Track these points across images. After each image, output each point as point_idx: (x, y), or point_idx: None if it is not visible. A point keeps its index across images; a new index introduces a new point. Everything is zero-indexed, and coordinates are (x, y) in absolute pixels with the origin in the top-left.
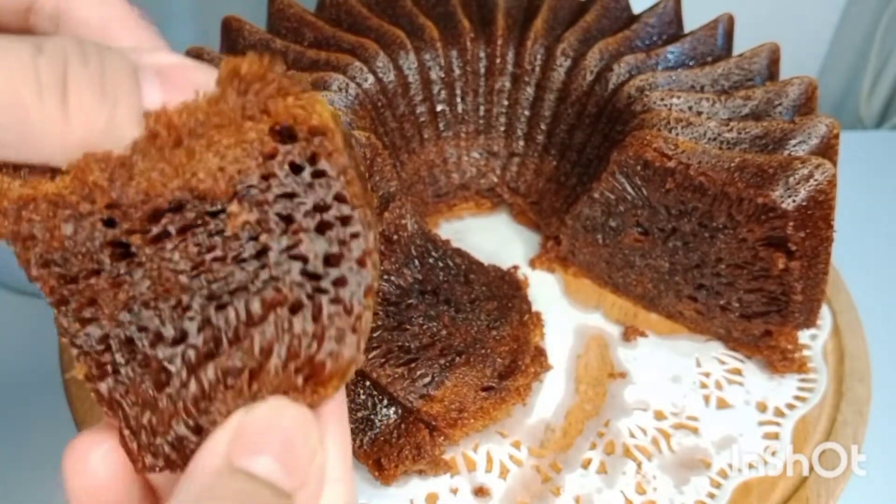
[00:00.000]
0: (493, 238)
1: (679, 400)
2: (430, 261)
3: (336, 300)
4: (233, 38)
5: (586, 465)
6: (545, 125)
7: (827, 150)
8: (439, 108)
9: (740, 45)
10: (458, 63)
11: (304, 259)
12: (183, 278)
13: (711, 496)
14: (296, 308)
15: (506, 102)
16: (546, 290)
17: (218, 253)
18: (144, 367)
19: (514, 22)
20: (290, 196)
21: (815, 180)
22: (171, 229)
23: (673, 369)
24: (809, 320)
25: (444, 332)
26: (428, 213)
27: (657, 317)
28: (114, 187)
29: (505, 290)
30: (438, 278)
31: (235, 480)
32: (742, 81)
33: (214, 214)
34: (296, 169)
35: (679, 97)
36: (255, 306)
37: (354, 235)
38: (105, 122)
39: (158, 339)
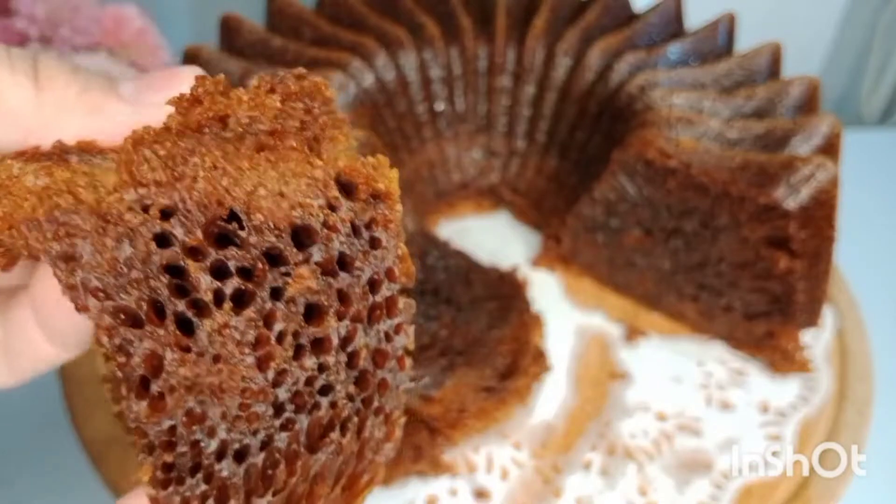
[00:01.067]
0: (493, 238)
1: (681, 400)
2: (431, 261)
3: (378, 410)
4: (231, 37)
5: (587, 466)
6: (546, 124)
7: (829, 149)
8: (439, 106)
9: (742, 43)
10: (458, 62)
11: (356, 358)
12: (248, 360)
13: (713, 498)
14: (345, 426)
15: (506, 101)
16: (547, 291)
17: (279, 326)
18: (208, 482)
19: (514, 20)
20: (349, 264)
21: (818, 180)
22: (231, 266)
23: (674, 370)
24: (811, 320)
25: (444, 333)
26: (428, 212)
27: (659, 317)
28: (172, 186)
29: (505, 291)
30: (439, 278)
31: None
32: (744, 80)
33: (273, 261)
34: (356, 230)
35: (680, 96)
36: (315, 430)
37: (398, 330)
38: (77, 91)
39: (224, 450)
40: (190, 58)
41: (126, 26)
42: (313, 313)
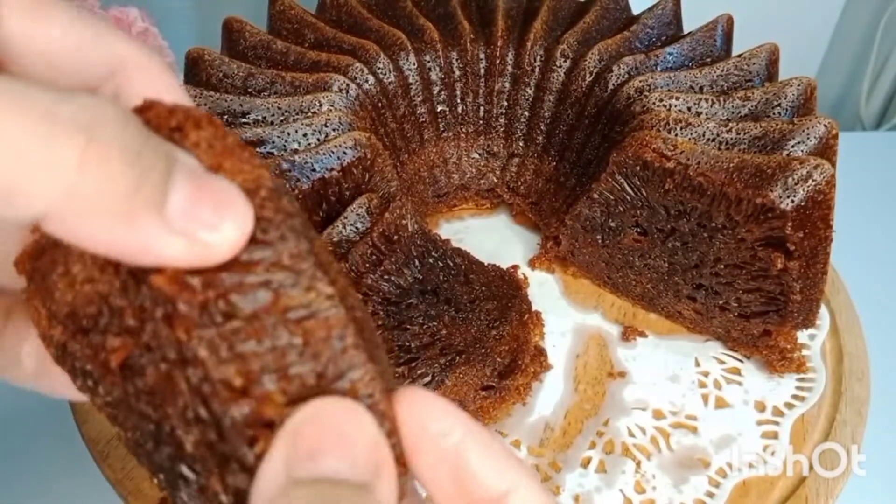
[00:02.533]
0: (492, 238)
1: (678, 399)
2: (430, 261)
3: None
4: (234, 39)
5: (586, 464)
6: (545, 126)
7: (826, 150)
8: (439, 108)
9: (739, 45)
10: (458, 64)
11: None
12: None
13: (710, 495)
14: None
15: (505, 103)
16: (545, 290)
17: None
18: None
19: (513, 23)
20: None
21: (814, 181)
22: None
23: (672, 369)
24: (808, 320)
25: (444, 332)
26: (428, 213)
27: (656, 316)
28: None
29: (505, 290)
30: (438, 278)
31: (302, 491)
32: (741, 82)
33: None
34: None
35: (678, 98)
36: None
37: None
38: (126, 190)
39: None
40: (192, 60)
41: (128, 29)
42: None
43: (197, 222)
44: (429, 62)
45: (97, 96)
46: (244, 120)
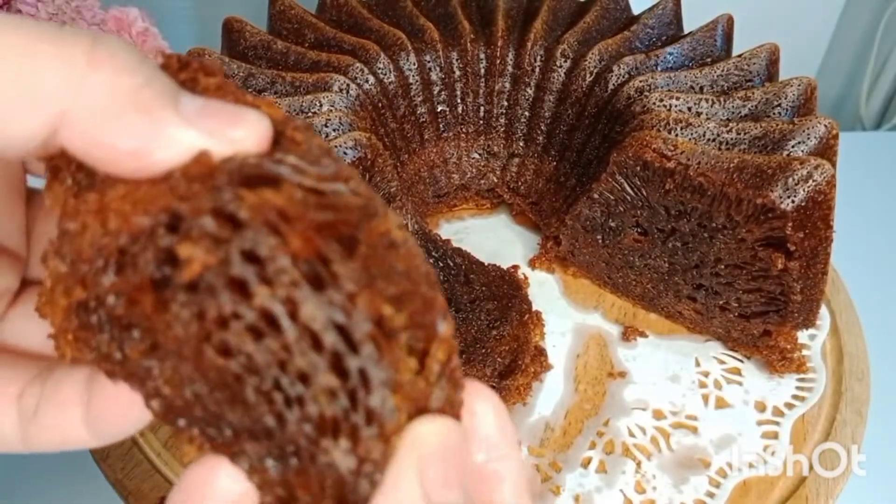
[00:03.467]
0: (493, 238)
1: (678, 399)
2: (431, 261)
3: (369, 416)
4: (234, 39)
5: (586, 464)
6: (545, 126)
7: (826, 150)
8: (439, 108)
9: (739, 45)
10: (458, 64)
11: (318, 339)
12: (210, 356)
13: (710, 495)
14: (336, 432)
15: (506, 103)
16: (546, 290)
17: (212, 316)
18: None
19: (513, 23)
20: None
21: (814, 181)
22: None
23: (672, 369)
24: (808, 320)
25: None
26: (428, 213)
27: (656, 317)
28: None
29: (505, 290)
30: (438, 278)
31: None
32: (741, 82)
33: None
34: None
35: (678, 98)
36: (309, 431)
37: (352, 297)
38: (135, 84)
39: (237, 432)
40: None
41: (129, 29)
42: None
43: (212, 117)
44: (429, 62)
45: None
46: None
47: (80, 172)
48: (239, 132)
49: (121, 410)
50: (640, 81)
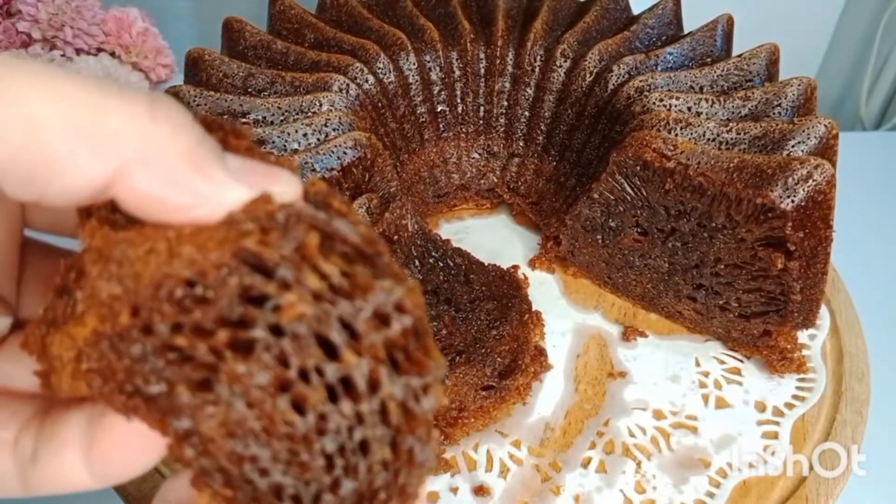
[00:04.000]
0: (493, 238)
1: (678, 399)
2: (431, 261)
3: (402, 491)
4: (234, 39)
5: (586, 464)
6: (545, 126)
7: (826, 150)
8: (439, 108)
9: (739, 45)
10: (458, 64)
11: (387, 412)
12: (282, 403)
13: (710, 495)
14: (374, 500)
15: (506, 103)
16: (546, 290)
17: (295, 361)
18: None
19: (513, 23)
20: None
21: (814, 181)
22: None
23: (672, 369)
24: (808, 320)
25: (444, 332)
26: (428, 213)
27: (656, 317)
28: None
29: (505, 290)
30: (439, 278)
31: None
32: (741, 82)
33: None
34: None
35: (678, 98)
36: (353, 498)
37: (426, 389)
38: (189, 142)
39: (279, 491)
40: (192, 60)
41: (128, 29)
42: (328, 350)
43: (254, 175)
44: (429, 62)
45: None
46: (244, 120)
47: (114, 213)
48: (279, 188)
49: (129, 453)
50: (640, 81)
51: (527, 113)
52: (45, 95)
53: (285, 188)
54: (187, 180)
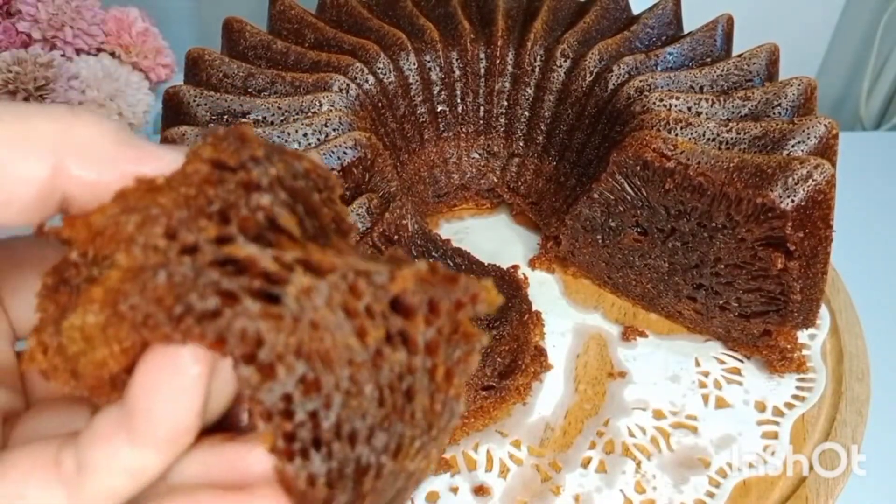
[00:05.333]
0: (493, 238)
1: (678, 399)
2: (431, 261)
3: (421, 449)
4: (234, 39)
5: (586, 464)
6: (545, 126)
7: (826, 150)
8: (439, 108)
9: (739, 45)
10: (458, 64)
11: (435, 371)
12: (346, 327)
13: (710, 495)
14: (409, 448)
15: (506, 103)
16: (546, 290)
17: (365, 300)
18: (330, 460)
19: (513, 23)
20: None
21: (814, 180)
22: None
23: (672, 369)
24: (808, 320)
25: None
26: (428, 213)
27: (656, 316)
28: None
29: (505, 290)
30: None
31: None
32: (741, 82)
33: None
34: None
35: (678, 98)
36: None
37: (468, 356)
38: (112, 126)
39: (339, 428)
40: (192, 60)
41: (129, 29)
42: (401, 310)
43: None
44: (429, 62)
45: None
46: (244, 120)
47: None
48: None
49: (169, 400)
50: (640, 81)
51: (527, 113)
52: None
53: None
54: (123, 154)
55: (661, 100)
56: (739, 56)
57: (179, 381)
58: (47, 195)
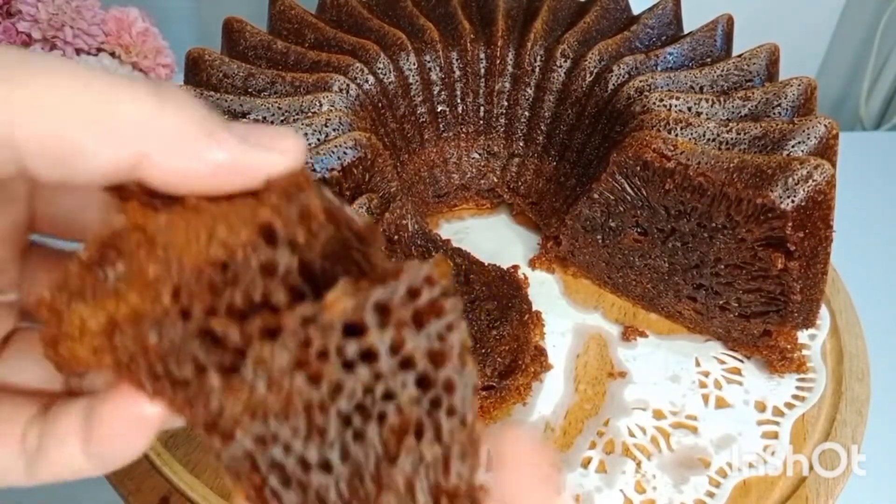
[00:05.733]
0: (493, 238)
1: (678, 399)
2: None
3: (451, 411)
4: (234, 39)
5: (586, 464)
6: (545, 126)
7: (826, 150)
8: (440, 108)
9: (739, 45)
10: (458, 64)
11: (412, 362)
12: (299, 380)
13: (710, 495)
14: (420, 431)
15: (506, 103)
16: (546, 290)
17: (317, 345)
18: (304, 493)
19: (514, 23)
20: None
21: (814, 181)
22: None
23: (672, 369)
24: (808, 320)
25: None
26: (428, 213)
27: (656, 316)
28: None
29: (505, 290)
30: None
31: None
32: (741, 82)
33: (298, 295)
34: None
35: (678, 98)
36: (389, 438)
37: (450, 327)
38: (199, 116)
39: (306, 463)
40: (192, 60)
41: (128, 29)
42: (353, 330)
43: (261, 137)
44: (429, 62)
45: None
46: (244, 120)
47: (153, 196)
48: (286, 143)
49: (124, 439)
50: (640, 81)
51: (527, 113)
52: (64, 89)
53: (291, 144)
54: (203, 148)
55: (661, 100)
56: (739, 56)
57: (138, 426)
58: (125, 175)
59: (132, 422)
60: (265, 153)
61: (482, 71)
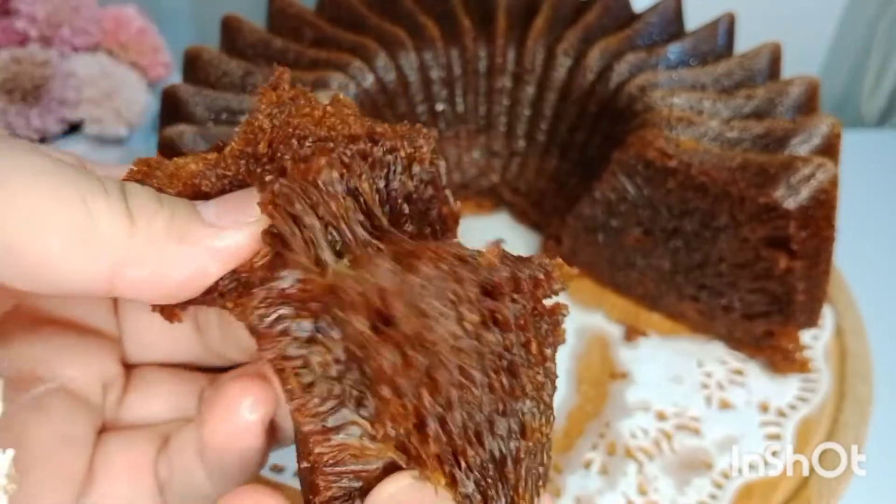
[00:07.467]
0: (493, 238)
1: (681, 400)
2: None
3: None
4: (232, 37)
5: (587, 465)
6: (546, 124)
7: (829, 149)
8: (440, 107)
9: (742, 43)
10: (458, 62)
11: (529, 345)
12: (450, 315)
13: (713, 497)
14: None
15: (506, 102)
16: None
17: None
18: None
19: (514, 21)
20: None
21: (817, 180)
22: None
23: (674, 370)
24: (811, 320)
25: None
26: None
27: (659, 317)
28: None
29: None
30: None
31: None
32: (744, 80)
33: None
34: None
35: (680, 96)
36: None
37: (555, 332)
38: (165, 220)
39: (467, 428)
40: (190, 58)
41: (126, 27)
42: (488, 292)
43: (230, 212)
44: (429, 60)
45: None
46: (243, 118)
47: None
48: (250, 217)
49: (231, 443)
50: (642, 79)
51: (528, 111)
52: (44, 193)
53: (254, 215)
54: (177, 255)
55: (663, 98)
56: (742, 54)
57: (244, 429)
58: (95, 291)
59: (236, 425)
60: (234, 233)
61: (483, 69)
